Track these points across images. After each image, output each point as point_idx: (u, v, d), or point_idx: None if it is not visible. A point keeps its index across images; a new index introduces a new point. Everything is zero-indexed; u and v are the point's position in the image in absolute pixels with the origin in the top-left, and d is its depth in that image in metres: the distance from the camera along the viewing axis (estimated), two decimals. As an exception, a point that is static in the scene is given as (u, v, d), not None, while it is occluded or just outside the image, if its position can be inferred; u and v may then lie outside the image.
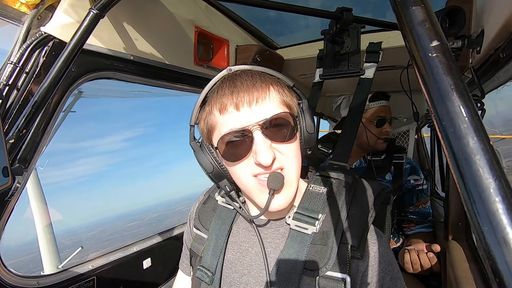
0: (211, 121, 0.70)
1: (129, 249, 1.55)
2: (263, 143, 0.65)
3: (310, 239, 0.70)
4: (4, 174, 0.75)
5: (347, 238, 0.68)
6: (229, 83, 0.68)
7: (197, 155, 0.76)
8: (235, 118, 0.66)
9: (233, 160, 0.69)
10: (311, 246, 0.69)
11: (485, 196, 0.24)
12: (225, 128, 0.67)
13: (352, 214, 0.71)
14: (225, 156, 0.70)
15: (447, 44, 0.31)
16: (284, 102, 0.70)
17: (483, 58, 0.96)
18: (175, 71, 1.47)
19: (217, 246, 0.80)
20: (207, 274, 0.78)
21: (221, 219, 0.85)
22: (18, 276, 1.07)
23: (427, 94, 0.30)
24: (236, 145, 0.67)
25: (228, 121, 0.67)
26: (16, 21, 0.95)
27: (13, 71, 0.93)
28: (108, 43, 1.12)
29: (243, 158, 0.68)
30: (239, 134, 0.66)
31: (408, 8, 0.34)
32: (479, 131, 0.26)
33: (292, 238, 0.72)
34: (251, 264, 0.76)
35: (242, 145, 0.67)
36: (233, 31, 1.76)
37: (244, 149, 0.67)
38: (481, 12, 0.92)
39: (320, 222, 0.71)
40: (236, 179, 0.73)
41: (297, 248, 0.70)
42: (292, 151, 0.70)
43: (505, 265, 0.22)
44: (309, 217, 0.72)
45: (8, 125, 0.91)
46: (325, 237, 0.69)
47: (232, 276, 0.78)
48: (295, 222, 0.73)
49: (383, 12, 1.71)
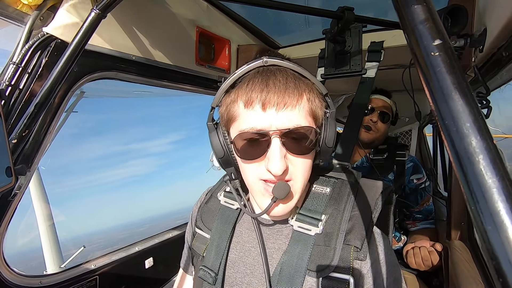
0: (234, 110, 0.68)
1: (131, 249, 1.55)
2: (279, 152, 0.63)
3: (313, 240, 0.70)
4: (7, 174, 0.75)
5: (350, 239, 0.67)
6: (261, 79, 0.65)
7: (211, 137, 0.74)
8: (259, 117, 0.64)
9: (246, 158, 0.68)
10: (314, 247, 0.69)
11: (488, 196, 0.24)
12: (246, 125, 0.65)
13: (355, 215, 0.71)
14: (239, 152, 0.68)
15: (450, 43, 0.31)
16: (312, 112, 0.67)
17: (486, 57, 0.96)
18: (177, 71, 1.47)
19: (220, 246, 0.80)
20: (210, 274, 0.78)
21: (224, 219, 0.84)
22: (21, 275, 1.08)
23: (430, 93, 0.30)
24: (251, 144, 0.65)
25: (250, 118, 0.64)
26: (18, 21, 0.95)
27: (16, 72, 0.93)
28: (110, 43, 1.13)
29: (256, 159, 0.67)
30: (257, 135, 0.64)
31: (410, 6, 0.33)
32: (482, 130, 0.26)
33: (295, 239, 0.71)
34: (254, 264, 0.76)
35: (257, 146, 0.65)
36: (234, 31, 1.75)
37: (258, 151, 0.65)
38: (483, 10, 0.92)
39: (323, 223, 0.71)
40: (243, 175, 0.73)
41: (300, 249, 0.69)
42: (305, 164, 0.69)
43: (509, 265, 0.22)
44: (312, 218, 0.72)
45: (11, 126, 0.91)
46: (328, 238, 0.69)
47: (234, 276, 0.77)
48: (298, 223, 0.73)
49: (384, 11, 1.71)
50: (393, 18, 1.27)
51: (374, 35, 1.57)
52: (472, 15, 0.99)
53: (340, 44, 1.20)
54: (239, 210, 0.83)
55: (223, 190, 0.89)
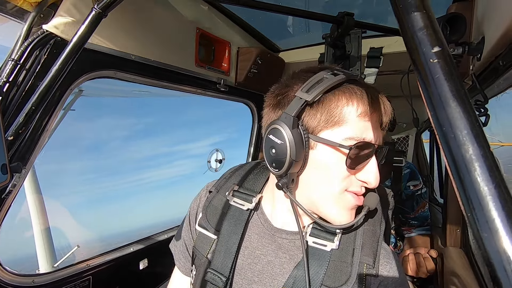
0: (341, 113, 0.63)
1: (125, 249, 1.54)
2: (377, 165, 0.66)
3: (329, 255, 0.68)
4: (2, 172, 0.75)
5: (364, 255, 0.67)
6: (373, 94, 0.66)
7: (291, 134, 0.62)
8: (373, 130, 0.66)
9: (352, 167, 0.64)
10: (330, 263, 0.67)
11: (485, 203, 0.24)
12: (358, 133, 0.64)
13: (367, 229, 0.71)
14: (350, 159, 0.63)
15: (449, 50, 0.31)
16: None
17: (484, 65, 0.97)
18: (176, 72, 1.47)
19: (230, 249, 0.77)
20: (220, 278, 0.75)
21: (235, 220, 0.80)
22: (13, 274, 1.06)
23: (428, 99, 0.30)
24: (359, 154, 0.64)
25: (364, 128, 0.65)
26: (18, 18, 0.95)
27: (14, 68, 0.92)
28: (109, 42, 1.13)
29: (356, 167, 0.65)
30: (366, 146, 0.64)
31: (410, 13, 0.34)
32: (480, 137, 0.26)
33: (311, 253, 0.70)
34: (263, 272, 0.74)
35: (362, 157, 0.65)
36: (234, 33, 1.76)
37: (361, 161, 0.65)
38: (482, 19, 0.93)
39: (339, 238, 0.69)
40: (320, 186, 0.67)
41: (315, 264, 0.68)
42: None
43: (504, 273, 0.22)
44: (327, 232, 0.71)
45: (7, 122, 0.91)
46: (344, 253, 0.68)
47: (241, 283, 0.75)
48: (313, 238, 0.71)
49: (384, 18, 1.72)
50: (392, 24, 1.28)
51: (374, 41, 1.59)
52: (470, 24, 1.00)
53: (339, 49, 1.20)
54: (249, 211, 0.80)
55: (231, 189, 0.83)
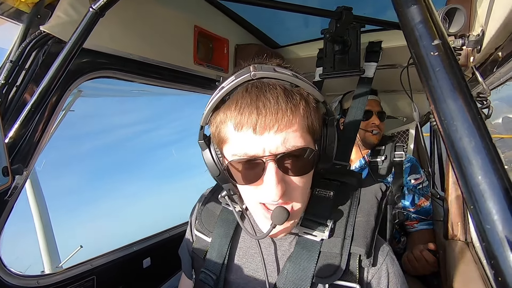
0: (224, 132, 0.63)
1: (129, 249, 1.54)
2: (275, 177, 0.58)
3: (319, 246, 0.68)
4: (4, 174, 0.75)
5: (356, 246, 0.66)
6: (249, 98, 0.58)
7: (204, 155, 0.70)
8: (251, 142, 0.58)
9: (241, 183, 0.64)
10: (321, 253, 0.67)
11: (487, 195, 0.24)
12: (238, 149, 0.60)
13: (360, 221, 0.70)
14: (234, 177, 0.64)
15: (449, 43, 0.31)
16: (308, 129, 0.62)
17: (484, 57, 0.96)
18: (175, 70, 1.46)
19: (222, 249, 0.78)
20: (211, 277, 0.76)
21: (226, 221, 0.82)
22: (17, 275, 1.07)
23: (429, 92, 0.30)
24: (246, 169, 0.61)
25: (242, 142, 0.60)
26: (15, 19, 0.94)
27: (13, 70, 0.92)
28: (107, 42, 1.12)
29: (252, 183, 0.63)
30: (251, 161, 0.60)
31: (410, 6, 0.33)
32: (481, 129, 0.26)
33: (301, 245, 0.70)
34: (257, 270, 0.75)
35: (252, 171, 0.61)
36: (233, 30, 1.75)
37: (254, 176, 0.61)
38: (481, 11, 0.92)
39: (329, 229, 0.69)
40: (242, 196, 0.71)
41: (306, 255, 0.68)
42: (305, 183, 0.65)
43: (508, 264, 0.22)
44: (317, 223, 0.70)
45: (7, 124, 0.90)
46: (335, 244, 0.67)
47: (237, 282, 0.76)
48: (304, 229, 0.71)
49: (383, 11, 1.71)
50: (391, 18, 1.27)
51: (373, 35, 1.58)
52: (469, 16, 1.00)
53: (338, 44, 1.20)
54: (240, 213, 0.81)
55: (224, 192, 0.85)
